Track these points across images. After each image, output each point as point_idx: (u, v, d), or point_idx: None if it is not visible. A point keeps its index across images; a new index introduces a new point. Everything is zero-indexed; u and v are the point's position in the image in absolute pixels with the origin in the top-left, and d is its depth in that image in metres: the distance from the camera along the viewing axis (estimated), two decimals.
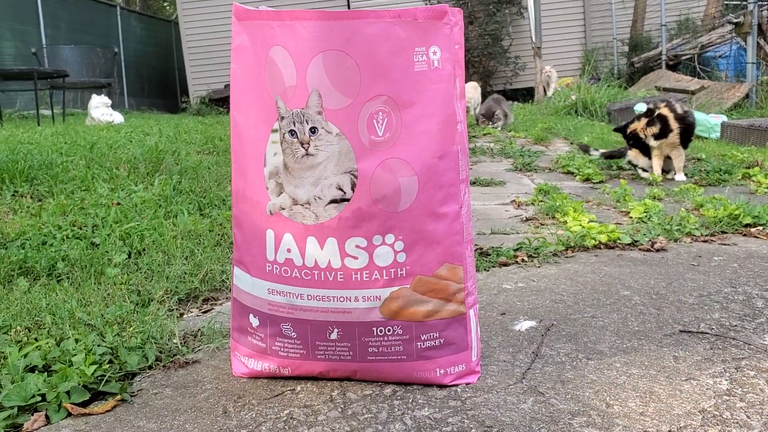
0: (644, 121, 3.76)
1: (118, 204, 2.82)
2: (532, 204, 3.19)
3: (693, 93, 8.14)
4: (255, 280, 1.31)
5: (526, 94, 16.35)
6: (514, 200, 3.29)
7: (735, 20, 7.06)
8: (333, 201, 1.22)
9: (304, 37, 1.17)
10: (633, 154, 3.86)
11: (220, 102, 14.98)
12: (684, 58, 9.96)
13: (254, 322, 1.33)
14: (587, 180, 3.73)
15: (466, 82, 15.68)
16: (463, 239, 1.31)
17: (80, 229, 2.50)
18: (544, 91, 11.78)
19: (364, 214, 1.23)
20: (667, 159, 3.79)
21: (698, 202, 3.03)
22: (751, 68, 7.27)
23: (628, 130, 3.80)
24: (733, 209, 2.74)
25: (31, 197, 2.99)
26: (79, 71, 8.02)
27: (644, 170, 3.84)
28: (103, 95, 6.87)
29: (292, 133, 1.21)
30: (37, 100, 6.76)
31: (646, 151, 3.78)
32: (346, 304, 1.26)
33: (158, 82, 19.08)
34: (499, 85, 16.28)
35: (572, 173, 3.96)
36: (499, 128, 6.59)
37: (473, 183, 3.78)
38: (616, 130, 4.01)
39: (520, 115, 8.15)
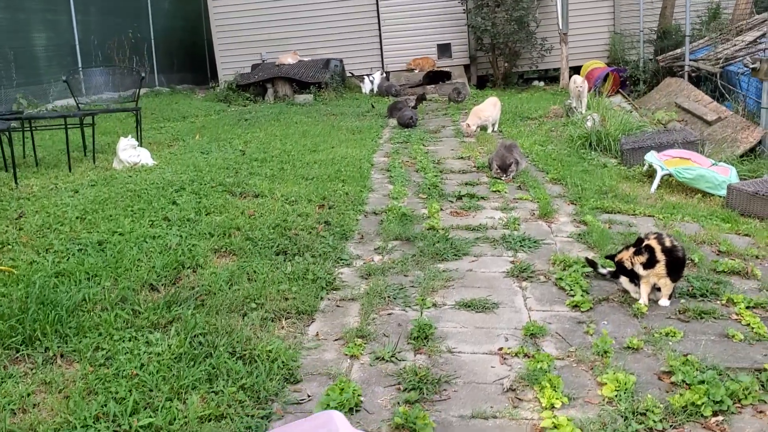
0: (632, 250, 3.98)
1: (137, 375, 3.15)
2: (517, 356, 3.46)
3: (710, 124, 8.18)
4: None
5: (552, 74, 16.35)
6: (501, 348, 3.55)
7: (752, 66, 7.05)
8: None
9: None
10: (624, 281, 4.10)
11: (246, 87, 15.22)
12: (705, 71, 9.91)
13: None
14: (575, 307, 3.97)
15: (492, 64, 15.69)
16: None
17: (104, 422, 2.84)
18: (569, 95, 11.77)
19: None
20: (657, 290, 4.02)
21: (670, 366, 3.28)
22: (765, 114, 7.26)
23: (616, 259, 4.03)
24: (696, 398, 2.99)
25: (61, 357, 3.34)
26: (109, 94, 8.38)
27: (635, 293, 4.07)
28: (130, 137, 7.17)
29: None
30: (68, 144, 7.08)
31: (635, 279, 4.01)
32: None
33: (187, 56, 19.31)
34: (524, 67, 16.28)
35: (564, 289, 4.20)
36: (511, 177, 6.79)
37: (468, 306, 4.03)
38: (607, 257, 4.24)
39: (534, 146, 8.29)
